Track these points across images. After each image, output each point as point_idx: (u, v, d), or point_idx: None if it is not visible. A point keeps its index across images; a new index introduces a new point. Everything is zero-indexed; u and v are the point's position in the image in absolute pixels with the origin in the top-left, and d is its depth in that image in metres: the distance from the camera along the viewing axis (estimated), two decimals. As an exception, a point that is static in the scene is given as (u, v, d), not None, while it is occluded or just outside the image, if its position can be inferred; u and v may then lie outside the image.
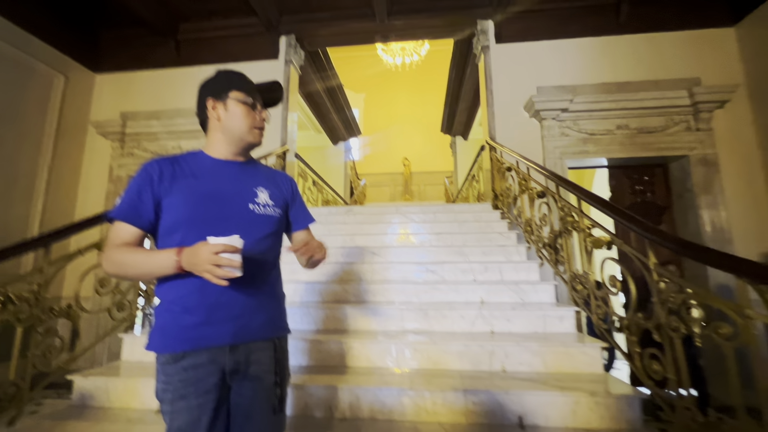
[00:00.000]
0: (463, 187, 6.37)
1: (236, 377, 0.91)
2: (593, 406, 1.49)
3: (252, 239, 0.93)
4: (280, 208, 1.04)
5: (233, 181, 0.99)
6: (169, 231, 0.92)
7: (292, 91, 4.64)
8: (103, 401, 1.76)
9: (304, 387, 1.61)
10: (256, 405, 0.92)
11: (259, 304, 0.95)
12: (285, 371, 0.99)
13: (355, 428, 1.48)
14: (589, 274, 1.98)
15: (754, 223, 3.46)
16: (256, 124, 1.01)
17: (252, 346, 0.93)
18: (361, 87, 11.06)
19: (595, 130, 3.78)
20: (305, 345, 1.92)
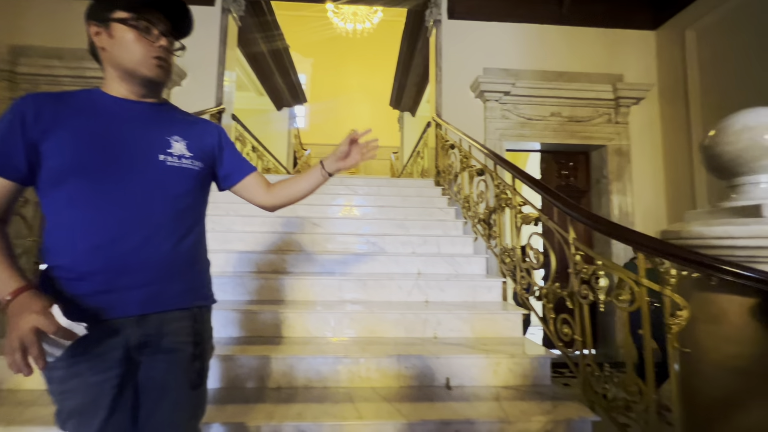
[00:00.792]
0: (408, 162, 6.44)
1: (146, 351, 0.81)
2: (512, 366, 1.64)
3: (164, 196, 0.82)
4: (202, 161, 0.90)
5: (139, 126, 0.83)
6: (53, 183, 0.76)
7: (230, 46, 4.20)
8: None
9: (234, 358, 1.54)
10: (171, 379, 0.83)
11: (176, 270, 0.84)
12: (206, 343, 0.91)
13: (288, 397, 1.47)
14: (517, 248, 2.13)
15: (653, 208, 4.01)
16: (151, 52, 0.81)
17: (166, 316, 0.82)
18: (310, 51, 10.45)
19: (532, 115, 4.00)
20: (237, 316, 1.83)
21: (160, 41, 0.83)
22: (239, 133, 4.67)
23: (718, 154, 1.10)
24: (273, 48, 6.19)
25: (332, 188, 3.55)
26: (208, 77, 4.04)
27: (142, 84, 0.85)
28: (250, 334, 1.82)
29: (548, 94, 3.98)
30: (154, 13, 0.82)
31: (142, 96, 0.86)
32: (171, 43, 0.87)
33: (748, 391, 0.99)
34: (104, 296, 0.76)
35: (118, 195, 0.78)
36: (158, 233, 0.80)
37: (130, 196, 0.79)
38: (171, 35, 0.86)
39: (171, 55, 0.87)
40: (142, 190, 0.80)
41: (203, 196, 0.94)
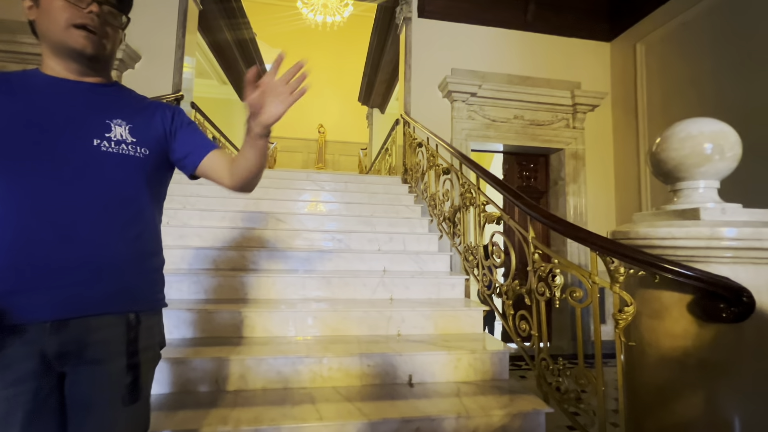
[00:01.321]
0: (377, 159, 6.43)
1: (68, 362, 0.71)
2: (472, 362, 1.67)
3: (92, 186, 0.74)
4: (148, 147, 0.82)
5: (74, 108, 0.76)
6: None
7: (190, 30, 3.96)
8: None
9: (186, 361, 1.45)
10: (96, 395, 0.73)
11: (107, 270, 0.74)
12: (146, 353, 0.80)
13: (245, 400, 1.40)
14: (480, 246, 2.18)
15: (604, 209, 4.27)
16: (76, 19, 0.72)
17: (90, 322, 0.72)
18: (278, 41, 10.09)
19: (497, 117, 4.12)
20: (192, 316, 1.72)
21: (89, 7, 0.73)
22: (199, 122, 4.42)
23: (664, 160, 1.17)
24: (239, 36, 5.93)
25: (298, 183, 3.47)
26: (166, 61, 3.79)
27: (72, 58, 0.76)
28: (206, 335, 1.72)
29: (512, 97, 4.11)
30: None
31: (81, 74, 0.78)
32: (105, 12, 0.76)
33: (683, 381, 1.06)
34: (13, 297, 0.67)
35: (37, 184, 0.70)
36: (83, 227, 0.72)
37: (52, 185, 0.70)
38: (106, 3, 0.76)
39: (107, 26, 0.77)
40: (68, 178, 0.72)
41: (153, 187, 0.85)
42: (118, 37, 0.81)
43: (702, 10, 3.38)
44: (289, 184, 3.42)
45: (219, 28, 5.47)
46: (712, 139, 1.10)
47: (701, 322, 1.04)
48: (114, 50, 0.82)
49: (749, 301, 0.96)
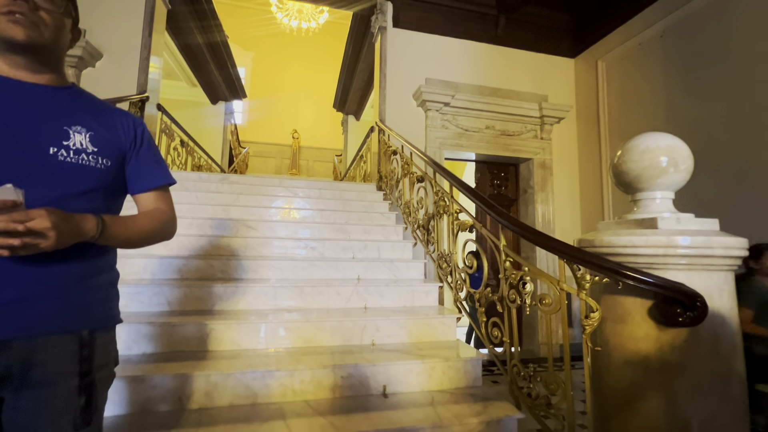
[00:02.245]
0: (352, 166, 6.41)
1: (8, 386, 0.65)
2: (446, 370, 1.67)
3: (48, 196, 0.67)
4: (109, 156, 0.77)
5: (29, 113, 0.70)
6: None
7: (157, 29, 3.81)
8: None
9: (144, 379, 1.36)
10: (41, 421, 0.67)
11: (55, 285, 0.69)
12: (99, 372, 0.75)
13: (210, 418, 1.33)
14: (453, 254, 2.21)
15: (570, 217, 4.46)
16: (1, 7, 0.66)
17: (37, 342, 0.67)
18: (251, 45, 9.94)
19: (469, 126, 4.23)
20: (152, 329, 1.62)
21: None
22: (166, 125, 4.24)
23: (625, 172, 1.23)
24: (210, 39, 5.77)
25: (270, 189, 3.38)
26: (130, 61, 3.62)
27: (9, 49, 0.69)
28: (168, 349, 1.63)
29: (484, 108, 4.23)
30: None
31: (30, 70, 0.72)
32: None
33: (646, 383, 1.11)
34: None
35: None
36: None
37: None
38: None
39: (39, 11, 0.69)
40: (28, 185, 0.64)
41: (111, 199, 0.80)
42: (61, 25, 0.74)
43: (655, 33, 3.64)
44: (261, 191, 3.33)
45: (189, 30, 5.30)
46: (667, 153, 1.17)
47: (661, 326, 1.09)
48: (59, 41, 0.75)
49: (703, 305, 1.02)
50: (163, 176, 0.88)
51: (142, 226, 0.79)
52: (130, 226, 0.76)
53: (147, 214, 0.82)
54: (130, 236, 0.76)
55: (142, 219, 0.81)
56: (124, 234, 0.74)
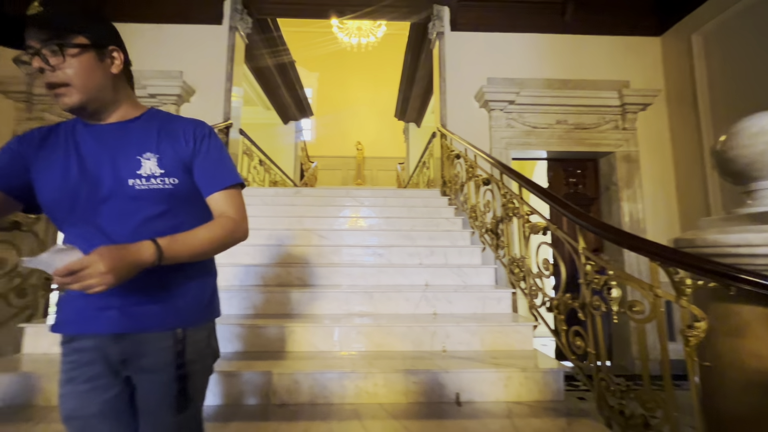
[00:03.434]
0: (415, 173, 6.45)
1: (130, 368, 0.80)
2: (523, 381, 1.58)
3: (133, 223, 0.77)
4: (177, 174, 0.81)
5: (106, 152, 0.79)
6: (46, 210, 0.80)
7: (237, 62, 4.29)
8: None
9: (237, 374, 1.52)
10: (152, 401, 0.81)
11: (152, 291, 0.79)
12: (195, 365, 0.84)
13: (293, 414, 1.43)
14: (526, 258, 2.09)
15: (665, 215, 3.92)
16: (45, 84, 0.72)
17: (143, 336, 0.79)
18: (315, 66, 10.63)
19: (538, 123, 3.98)
20: (241, 330, 1.81)
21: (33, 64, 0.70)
22: (246, 147, 4.73)
23: (732, 159, 1.06)
24: (279, 63, 6.32)
25: (339, 200, 3.56)
26: (216, 93, 4.12)
27: (76, 114, 0.79)
28: (255, 349, 1.80)
29: (553, 102, 3.96)
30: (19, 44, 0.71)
31: (97, 119, 0.80)
32: (48, 56, 0.70)
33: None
34: (88, 312, 0.78)
35: (85, 229, 0.77)
36: None
37: (98, 230, 0.77)
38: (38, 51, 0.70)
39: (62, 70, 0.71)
40: (110, 221, 0.77)
41: (193, 210, 0.86)
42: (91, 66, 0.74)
43: (767, -8, 3.08)
44: (330, 201, 3.52)
45: (261, 56, 5.86)
46: (789, 132, 0.99)
47: (793, 341, 0.91)
48: (99, 83, 0.76)
49: None
50: (224, 178, 0.86)
51: (203, 239, 0.79)
52: (191, 242, 0.78)
53: (209, 225, 0.82)
54: (194, 251, 0.78)
55: (203, 231, 0.80)
56: (186, 251, 0.77)
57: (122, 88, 0.82)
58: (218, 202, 0.85)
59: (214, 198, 0.85)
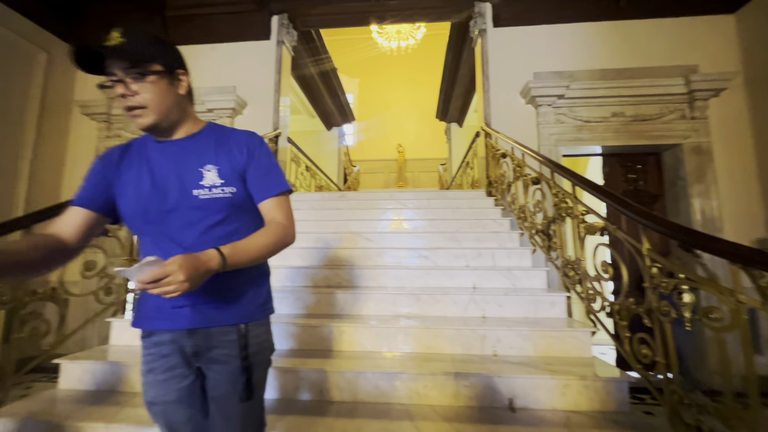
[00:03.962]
0: (458, 174, 6.35)
1: (201, 359, 0.89)
2: (582, 389, 1.50)
3: (198, 230, 0.85)
4: (234, 184, 0.88)
5: (173, 166, 0.87)
6: (124, 220, 0.90)
7: (284, 74, 4.52)
8: (89, 384, 1.73)
9: (292, 370, 1.60)
10: (221, 389, 0.88)
11: (218, 292, 0.87)
12: (257, 357, 0.91)
13: (346, 411, 1.48)
14: (582, 261, 1.98)
15: (745, 212, 3.49)
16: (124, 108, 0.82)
17: (211, 331, 0.88)
18: (356, 72, 10.87)
19: (591, 117, 3.75)
20: (295, 329, 1.90)
21: (117, 90, 0.80)
22: (294, 154, 4.96)
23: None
24: (322, 72, 6.55)
25: (382, 203, 3.61)
26: (266, 105, 4.36)
27: (149, 132, 0.88)
28: (308, 347, 1.88)
29: (608, 93, 3.71)
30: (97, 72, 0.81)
31: (166, 136, 0.89)
32: (129, 82, 0.79)
33: None
34: (163, 310, 0.87)
35: (159, 236, 0.86)
36: None
37: (169, 237, 0.85)
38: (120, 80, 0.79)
39: (140, 95, 0.80)
40: (179, 229, 0.85)
41: (248, 216, 0.92)
42: (161, 93, 0.82)
43: None
44: (374, 204, 3.58)
45: (306, 66, 6.11)
46: None
47: None
48: (167, 108, 0.84)
49: None
50: (274, 186, 0.92)
51: (259, 245, 0.85)
52: (249, 249, 0.83)
53: (262, 232, 0.88)
54: (252, 256, 0.84)
55: (258, 239, 0.86)
56: (246, 257, 0.82)
57: (186, 106, 0.91)
58: (269, 208, 0.92)
59: (265, 204, 0.92)
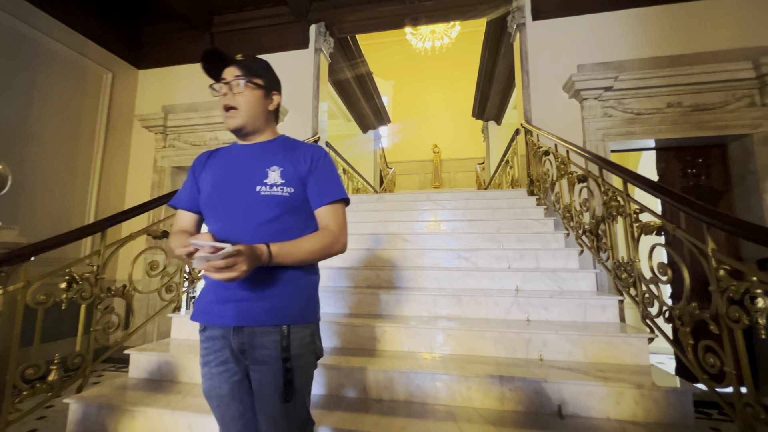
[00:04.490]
0: (496, 173, 6.19)
1: (246, 357, 0.92)
2: (639, 399, 1.41)
3: (255, 223, 0.92)
4: (293, 185, 0.95)
5: (245, 164, 0.98)
6: (202, 210, 1.02)
7: (322, 81, 4.66)
8: (154, 374, 1.89)
9: (337, 368, 1.65)
10: (264, 388, 0.90)
11: (262, 291, 0.91)
12: (299, 360, 0.92)
13: (390, 410, 1.50)
14: (636, 262, 1.87)
15: (830, 208, 3.11)
16: (222, 106, 0.97)
17: (256, 330, 0.90)
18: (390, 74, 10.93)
19: (642, 109, 3.51)
20: (338, 328, 1.96)
21: (223, 91, 0.97)
22: (332, 158, 5.08)
23: None
24: (358, 76, 6.67)
25: (419, 204, 3.61)
26: (305, 111, 4.52)
27: (235, 133, 1.01)
28: (352, 345, 1.93)
29: (661, 83, 3.45)
30: (212, 74, 1.00)
31: (247, 139, 1.03)
32: (234, 86, 0.96)
33: None
34: (216, 306, 0.94)
35: (222, 225, 0.96)
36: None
37: (229, 226, 0.94)
38: (228, 82, 0.97)
39: (239, 97, 0.96)
40: (238, 219, 0.93)
41: (300, 218, 0.97)
42: (253, 101, 0.97)
43: None
44: (412, 206, 3.59)
45: (342, 72, 6.26)
46: None
47: None
48: (254, 116, 0.98)
49: None
50: (331, 194, 0.99)
51: (306, 249, 0.91)
52: (295, 251, 0.89)
53: (312, 236, 0.94)
54: (298, 258, 0.90)
55: (306, 243, 0.92)
56: (290, 258, 0.88)
57: (271, 121, 1.05)
58: (324, 215, 0.99)
59: (321, 211, 0.99)
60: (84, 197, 4.14)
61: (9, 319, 1.52)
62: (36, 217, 3.59)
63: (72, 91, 4.01)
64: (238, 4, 4.56)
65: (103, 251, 1.90)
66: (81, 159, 4.11)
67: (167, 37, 4.85)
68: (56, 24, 3.82)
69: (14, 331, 1.53)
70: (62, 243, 1.70)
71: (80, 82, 4.11)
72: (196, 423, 1.50)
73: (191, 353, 1.88)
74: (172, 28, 4.78)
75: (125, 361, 3.42)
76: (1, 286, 1.48)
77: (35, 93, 3.64)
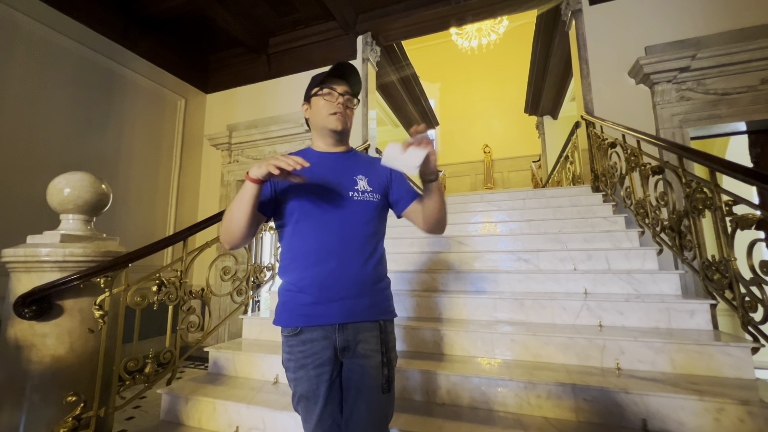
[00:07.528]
0: (555, 170, 5.84)
1: (347, 354, 0.97)
2: (745, 416, 1.24)
3: (353, 225, 1.00)
4: (379, 193, 1.07)
5: (335, 171, 1.05)
6: (290, 212, 1.03)
7: (370, 89, 4.76)
8: (230, 371, 2.05)
9: (403, 370, 1.66)
10: (365, 382, 0.96)
11: (363, 288, 0.98)
12: (392, 353, 1.01)
13: (455, 414, 1.48)
14: (731, 260, 1.65)
15: None
16: (330, 109, 1.04)
17: (359, 326, 0.98)
18: (436, 77, 10.84)
19: (730, 88, 3.11)
20: (399, 331, 1.96)
21: (338, 100, 1.05)
22: (382, 163, 5.15)
23: None
24: (404, 80, 6.72)
25: (472, 206, 3.52)
26: (355, 120, 4.56)
27: (329, 135, 1.09)
28: (413, 349, 1.93)
29: (752, 57, 3.03)
30: (335, 80, 1.07)
31: (333, 146, 1.11)
32: (349, 99, 1.07)
33: None
34: (316, 306, 0.97)
35: (322, 227, 1.00)
36: (350, 257, 0.98)
37: (331, 228, 0.99)
38: (348, 93, 1.07)
39: (347, 109, 1.07)
40: (339, 222, 1.00)
41: (382, 223, 1.09)
42: (353, 115, 1.11)
43: None
44: (465, 208, 3.51)
45: (387, 75, 6.34)
46: None
47: None
48: (351, 126, 1.11)
49: None
50: (415, 193, 1.11)
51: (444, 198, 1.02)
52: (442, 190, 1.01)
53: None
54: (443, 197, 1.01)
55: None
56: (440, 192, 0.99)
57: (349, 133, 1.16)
58: (418, 203, 1.08)
59: (415, 204, 1.09)
60: (165, 210, 4.65)
61: (114, 318, 1.75)
62: (128, 229, 4.10)
63: (154, 117, 4.55)
64: (291, 24, 4.85)
65: (185, 258, 2.11)
66: (162, 177, 4.63)
67: (230, 62, 5.30)
68: (141, 61, 4.38)
69: (119, 328, 1.76)
70: (154, 251, 1.92)
71: (160, 108, 4.64)
72: (269, 417, 1.60)
73: (261, 352, 2.01)
74: (234, 53, 5.21)
75: (201, 359, 3.75)
76: (108, 289, 1.70)
77: (125, 121, 4.18)
